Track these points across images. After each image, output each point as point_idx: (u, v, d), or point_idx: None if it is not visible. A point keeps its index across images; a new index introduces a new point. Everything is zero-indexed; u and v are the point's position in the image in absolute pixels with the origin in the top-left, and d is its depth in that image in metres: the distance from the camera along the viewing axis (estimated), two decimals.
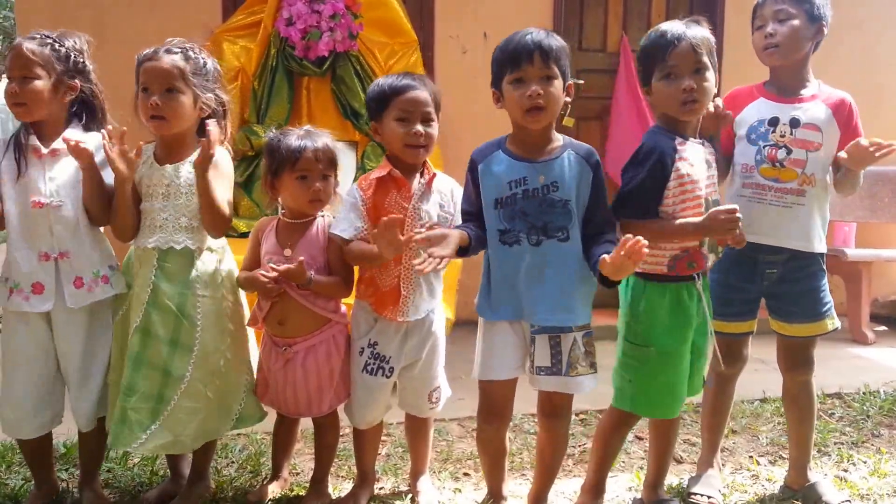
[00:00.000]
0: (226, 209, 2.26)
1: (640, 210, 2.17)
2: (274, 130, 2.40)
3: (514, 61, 2.07)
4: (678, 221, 2.15)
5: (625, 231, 2.02)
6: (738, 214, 2.10)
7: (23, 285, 2.24)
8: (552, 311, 2.12)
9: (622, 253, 1.88)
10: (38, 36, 2.27)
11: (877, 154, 2.27)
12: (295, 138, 2.29)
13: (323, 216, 2.36)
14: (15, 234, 2.24)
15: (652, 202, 2.16)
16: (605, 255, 1.96)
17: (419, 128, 2.21)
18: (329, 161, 2.30)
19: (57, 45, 2.26)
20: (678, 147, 2.16)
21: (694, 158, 2.19)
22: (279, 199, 2.36)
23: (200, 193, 2.21)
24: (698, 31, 2.16)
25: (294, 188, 2.28)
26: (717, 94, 2.32)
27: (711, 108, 2.31)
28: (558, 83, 2.08)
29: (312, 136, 2.31)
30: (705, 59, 2.14)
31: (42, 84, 2.22)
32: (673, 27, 2.17)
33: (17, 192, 2.23)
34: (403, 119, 2.22)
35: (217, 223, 2.27)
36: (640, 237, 1.86)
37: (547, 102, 2.06)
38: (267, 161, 2.35)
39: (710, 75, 2.16)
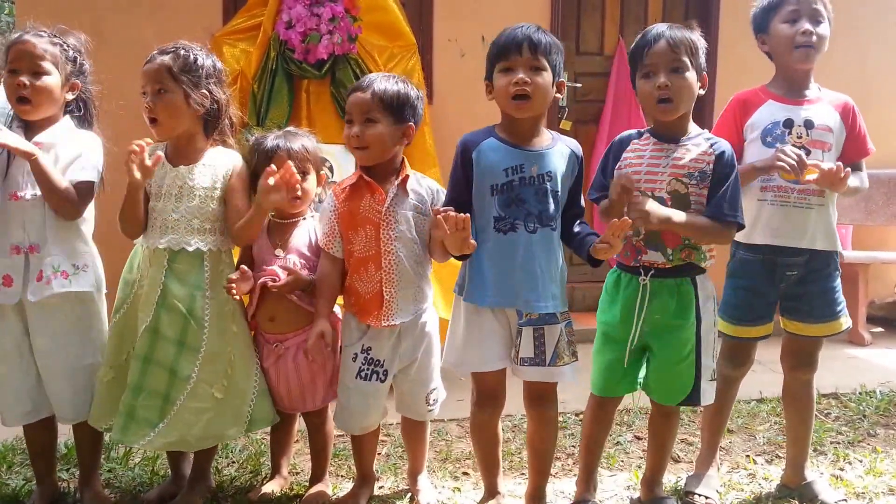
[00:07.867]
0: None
1: (602, 191, 2.27)
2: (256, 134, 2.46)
3: (504, 51, 2.13)
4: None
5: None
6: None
7: None
8: (545, 298, 2.18)
9: (610, 233, 2.06)
10: (45, 34, 2.28)
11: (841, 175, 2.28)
12: (271, 139, 2.37)
13: (313, 216, 2.41)
14: None
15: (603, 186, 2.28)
16: (596, 244, 2.12)
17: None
18: (304, 160, 2.36)
19: (64, 46, 2.28)
20: (632, 140, 2.27)
21: (642, 152, 2.24)
22: None
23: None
24: (679, 32, 2.18)
25: None
26: (712, 98, 2.33)
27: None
28: (547, 76, 2.12)
29: (289, 136, 2.39)
30: (684, 58, 2.15)
31: (52, 81, 2.24)
32: (655, 28, 2.21)
33: (2, 186, 2.24)
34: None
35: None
36: (618, 218, 2.05)
37: (533, 91, 2.10)
38: (250, 163, 2.40)
39: (690, 75, 2.16)
